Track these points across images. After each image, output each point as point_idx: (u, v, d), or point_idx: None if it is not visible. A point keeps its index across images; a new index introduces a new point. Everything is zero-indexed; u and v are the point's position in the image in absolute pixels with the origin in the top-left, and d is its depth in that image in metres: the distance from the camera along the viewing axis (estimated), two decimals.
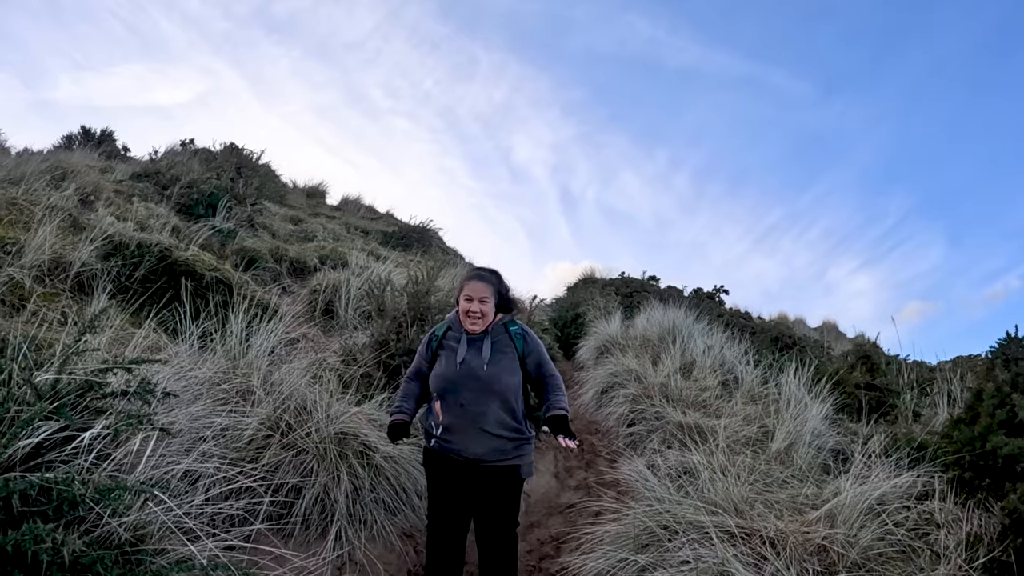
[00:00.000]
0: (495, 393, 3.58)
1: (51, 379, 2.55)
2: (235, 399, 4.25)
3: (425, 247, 13.22)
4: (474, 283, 3.72)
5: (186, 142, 13.42)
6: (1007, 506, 3.88)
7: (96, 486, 1.96)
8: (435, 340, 3.85)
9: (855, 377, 7.59)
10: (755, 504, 4.17)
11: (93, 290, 5.67)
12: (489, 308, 3.70)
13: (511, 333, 3.81)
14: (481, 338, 3.71)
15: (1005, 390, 4.90)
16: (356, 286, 7.99)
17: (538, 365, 3.82)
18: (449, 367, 3.65)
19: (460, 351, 3.67)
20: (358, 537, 4.07)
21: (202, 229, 8.32)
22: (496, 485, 3.62)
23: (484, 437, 3.56)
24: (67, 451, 2.46)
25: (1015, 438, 4.26)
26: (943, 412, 6.30)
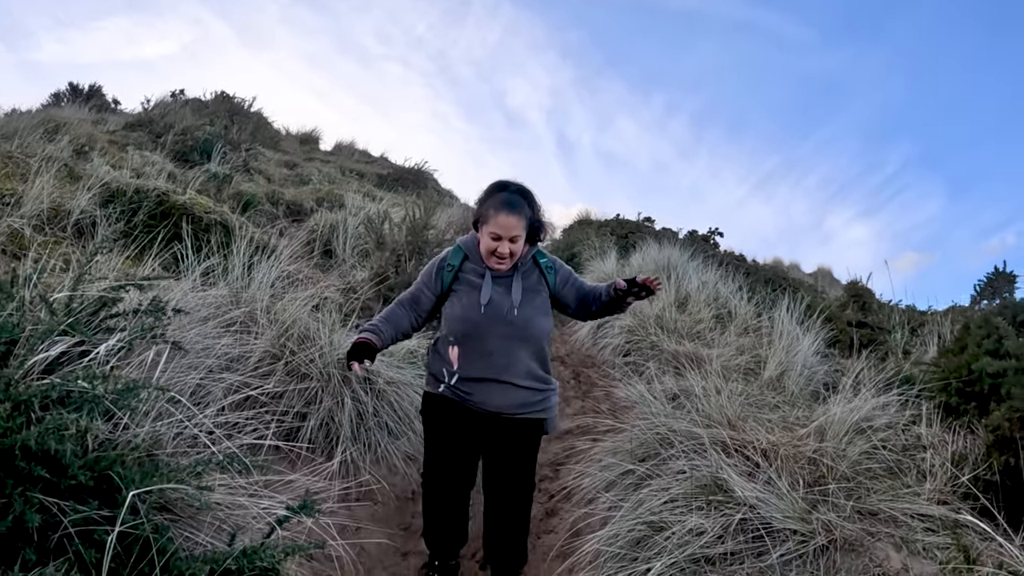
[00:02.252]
0: (528, 340, 3.12)
1: (65, 297, 2.64)
2: (239, 328, 4.35)
3: (420, 188, 13.25)
4: (505, 216, 3.03)
5: (176, 93, 13.33)
6: (990, 424, 4.02)
7: (116, 384, 2.06)
8: (449, 271, 3.23)
9: (847, 315, 7.70)
10: (748, 420, 4.31)
11: (93, 236, 5.71)
12: (520, 247, 3.12)
13: (542, 267, 3.28)
14: (509, 275, 3.18)
15: (993, 321, 5.03)
16: (353, 225, 8.03)
17: (577, 289, 3.34)
18: (471, 309, 3.09)
19: (485, 291, 3.12)
20: (363, 460, 4.20)
21: (198, 175, 8.34)
22: (517, 439, 3.23)
23: (510, 389, 3.10)
24: (83, 365, 2.56)
25: (999, 361, 4.39)
26: (932, 351, 6.43)
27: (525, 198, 3.15)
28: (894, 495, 3.70)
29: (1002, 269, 8.58)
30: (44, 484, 1.78)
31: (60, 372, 2.41)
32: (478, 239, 3.19)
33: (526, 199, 3.15)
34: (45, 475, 1.75)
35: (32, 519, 1.65)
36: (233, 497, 2.50)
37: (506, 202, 3.06)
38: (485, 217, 3.08)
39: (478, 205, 3.23)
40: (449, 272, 3.22)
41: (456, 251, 3.29)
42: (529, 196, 3.19)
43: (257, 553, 1.87)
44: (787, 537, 3.31)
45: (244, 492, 2.60)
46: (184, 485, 1.97)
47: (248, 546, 1.91)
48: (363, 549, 3.43)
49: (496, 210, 3.03)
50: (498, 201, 3.06)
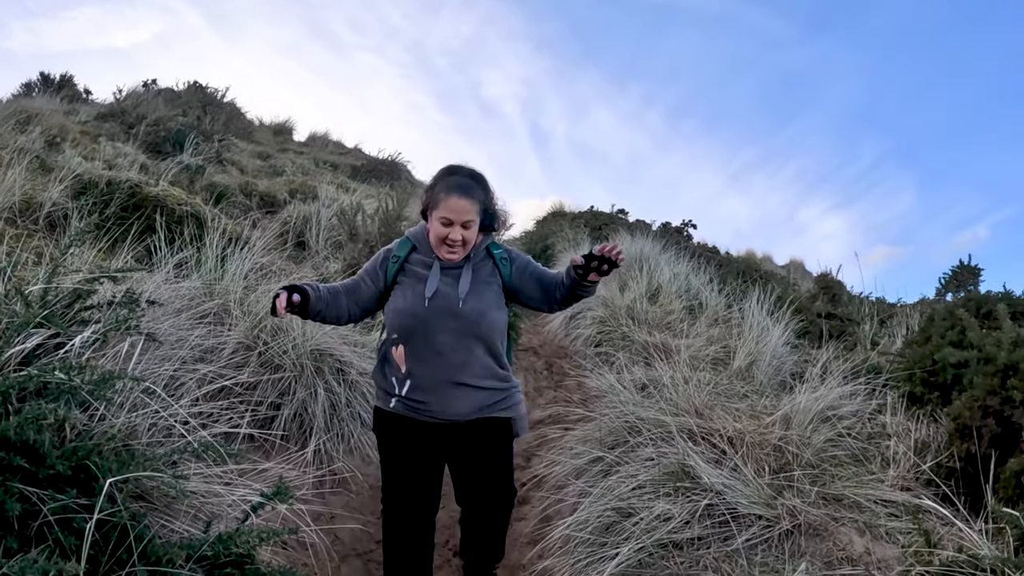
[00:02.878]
0: (479, 336, 2.83)
1: (40, 290, 2.66)
2: (212, 320, 4.37)
3: (394, 180, 13.25)
4: (457, 200, 2.77)
5: (148, 83, 13.19)
6: (952, 412, 4.16)
7: (93, 375, 2.09)
8: (394, 262, 2.95)
9: (817, 306, 7.88)
10: (715, 409, 4.40)
11: (66, 228, 5.69)
12: (473, 233, 2.83)
13: (496, 258, 2.99)
14: (459, 266, 2.89)
15: (957, 313, 5.18)
16: (326, 217, 8.04)
17: (537, 279, 3.03)
18: (415, 301, 2.81)
19: (431, 282, 2.84)
20: (336, 450, 4.24)
21: (170, 166, 8.31)
22: (485, 444, 2.92)
23: (466, 392, 2.81)
24: (58, 357, 2.58)
25: (962, 351, 4.54)
26: (900, 343, 6.58)
27: (478, 182, 2.90)
28: (858, 481, 3.81)
29: (967, 263, 8.79)
30: (23, 473, 1.81)
31: (36, 364, 2.44)
32: (427, 230, 2.92)
33: (479, 183, 2.90)
34: (24, 464, 1.78)
35: (12, 507, 1.68)
36: (208, 485, 2.55)
37: (457, 185, 2.81)
38: (435, 202, 2.81)
39: (426, 192, 2.98)
40: (394, 264, 2.94)
41: (403, 242, 3.01)
42: (482, 180, 2.94)
43: (232, 539, 1.92)
44: (752, 522, 3.41)
45: (219, 480, 2.65)
46: (160, 473, 2.00)
47: (224, 532, 1.95)
48: (337, 537, 3.48)
49: (447, 193, 2.77)
50: (448, 184, 2.82)
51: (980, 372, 4.13)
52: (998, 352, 4.07)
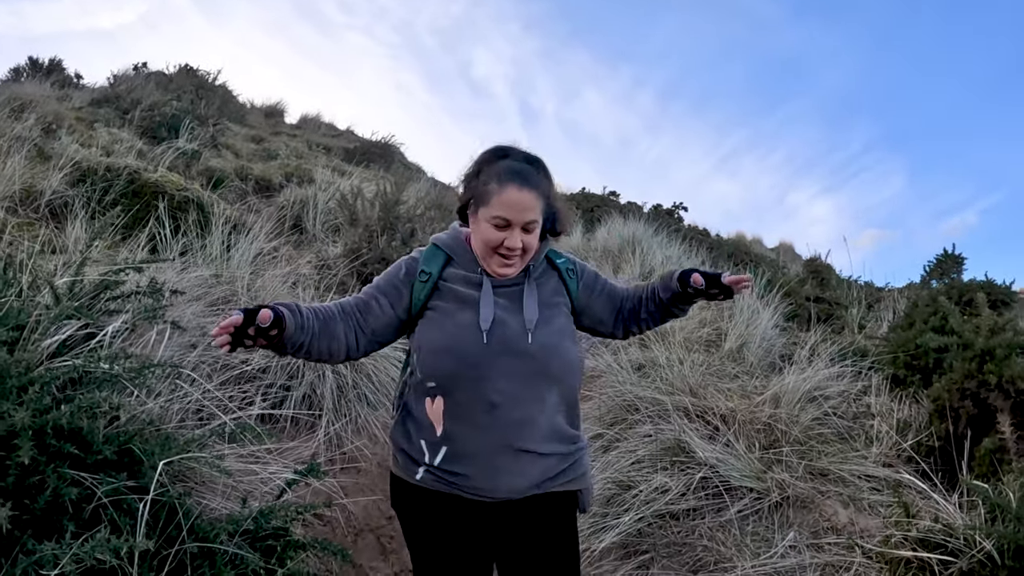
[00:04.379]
0: (554, 379, 2.05)
1: (68, 282, 2.79)
2: (221, 305, 4.50)
3: (387, 163, 13.31)
4: (517, 192, 2.02)
5: (139, 66, 13.15)
6: (932, 394, 4.37)
7: (133, 363, 2.23)
8: (424, 280, 2.14)
9: (805, 290, 8.04)
10: (708, 388, 4.59)
11: (66, 217, 5.76)
12: (536, 239, 2.11)
13: (560, 270, 2.26)
14: (518, 283, 2.15)
15: (939, 300, 5.39)
16: (323, 201, 8.12)
17: (608, 296, 2.35)
18: (464, 336, 2.02)
19: (485, 306, 2.07)
20: (345, 431, 4.39)
21: (167, 151, 8.35)
22: (545, 528, 2.12)
23: (525, 461, 2.01)
24: (89, 347, 2.72)
25: (942, 336, 4.75)
26: (886, 327, 6.77)
27: (539, 169, 2.13)
28: (843, 458, 4.02)
29: (951, 251, 9.03)
30: (72, 460, 1.95)
31: (71, 354, 2.57)
32: (466, 234, 2.22)
33: (540, 170, 2.14)
34: (75, 451, 1.92)
35: (69, 492, 1.82)
36: (240, 464, 2.70)
37: (515, 172, 2.05)
38: (483, 196, 2.06)
39: (466, 182, 2.19)
40: (424, 283, 2.13)
41: (433, 252, 2.21)
42: (543, 167, 2.16)
43: (273, 513, 2.08)
44: (744, 494, 3.62)
45: (248, 460, 2.80)
46: (203, 454, 2.16)
47: (264, 507, 2.11)
48: (351, 513, 3.63)
49: (501, 184, 2.03)
50: (502, 171, 2.06)
51: (959, 357, 4.33)
52: (976, 338, 4.29)
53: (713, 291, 2.18)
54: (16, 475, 1.81)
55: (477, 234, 2.12)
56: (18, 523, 1.72)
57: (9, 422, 1.81)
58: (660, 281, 2.32)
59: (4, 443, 1.84)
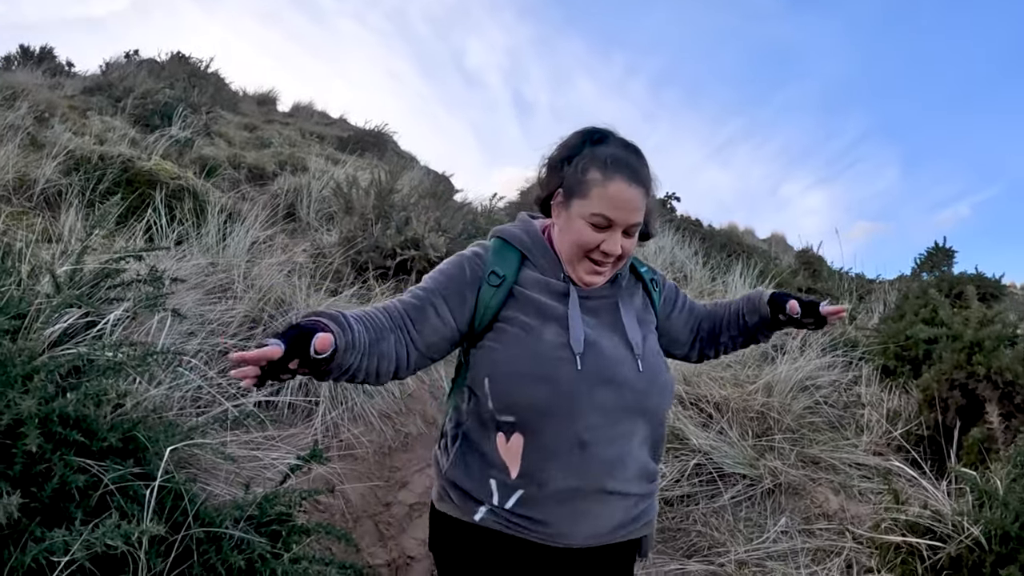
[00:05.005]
0: (649, 411, 1.77)
1: (69, 271, 2.81)
2: (218, 294, 4.52)
3: (381, 152, 13.28)
4: (627, 186, 1.70)
5: (130, 53, 13.06)
6: (921, 384, 4.45)
7: (136, 352, 2.26)
8: (499, 284, 1.77)
9: (797, 281, 8.14)
10: (702, 377, 4.64)
11: (60, 206, 5.77)
12: (634, 243, 1.79)
13: (645, 280, 1.96)
14: (607, 296, 1.83)
15: (929, 292, 5.48)
16: (317, 190, 8.11)
17: (689, 314, 2.09)
18: (556, 358, 1.67)
19: (574, 322, 1.72)
20: (341, 418, 4.42)
21: (160, 140, 8.35)
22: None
23: (613, 502, 1.72)
24: (91, 336, 2.75)
25: (932, 328, 4.83)
26: (876, 319, 6.86)
27: (644, 162, 1.79)
28: (834, 446, 4.09)
29: (942, 245, 9.12)
30: (77, 447, 1.98)
31: (72, 342, 2.60)
32: (546, 228, 1.89)
33: (644, 164, 1.79)
34: (80, 439, 1.95)
35: (75, 480, 1.85)
36: (242, 451, 2.73)
37: (625, 163, 1.72)
38: (579, 187, 1.71)
39: (553, 168, 1.83)
40: (497, 287, 1.75)
41: (502, 249, 1.83)
42: (646, 160, 1.81)
43: (277, 498, 2.11)
44: (737, 481, 3.69)
45: (249, 447, 2.83)
46: (207, 441, 2.19)
47: (268, 492, 2.15)
48: (349, 500, 3.67)
49: (607, 175, 1.69)
50: (610, 160, 1.71)
51: (949, 348, 4.41)
52: (965, 330, 4.37)
53: (808, 320, 1.98)
54: (23, 463, 1.83)
55: (566, 232, 1.76)
56: (26, 511, 1.75)
57: (15, 410, 1.84)
58: (746, 303, 2.09)
59: (10, 431, 1.86)
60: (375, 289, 5.73)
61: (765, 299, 2.02)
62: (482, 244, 1.87)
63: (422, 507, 4.01)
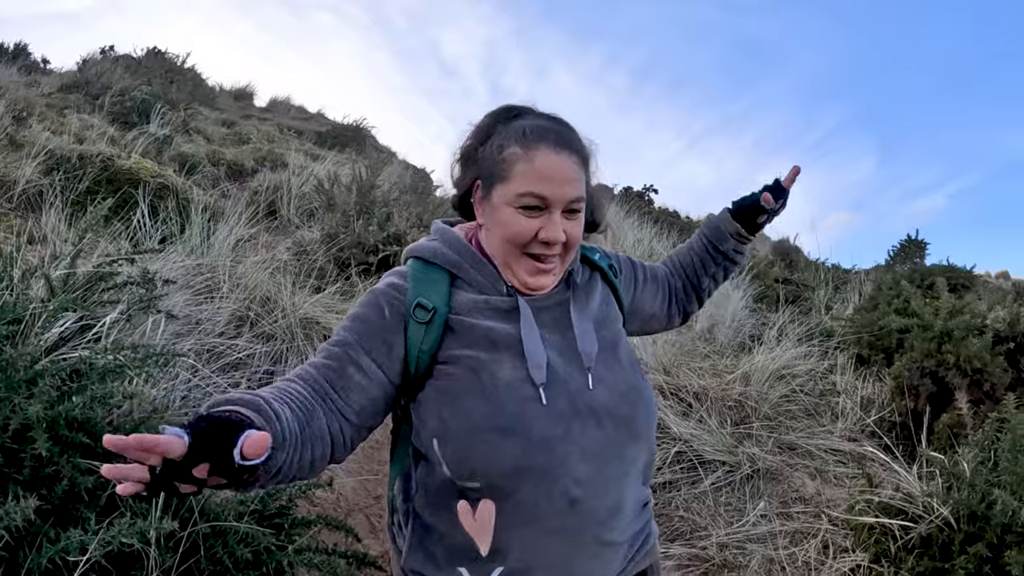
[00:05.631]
0: (640, 434, 1.44)
1: (63, 275, 2.86)
2: (206, 293, 4.56)
3: (359, 146, 13.27)
4: (554, 153, 1.37)
5: (106, 49, 12.91)
6: (894, 373, 4.60)
7: (136, 354, 2.32)
8: (427, 319, 1.38)
9: (774, 272, 8.29)
10: (681, 367, 4.76)
11: (41, 206, 5.73)
12: (580, 226, 1.43)
13: (603, 268, 1.62)
14: (561, 299, 1.49)
15: (902, 284, 5.64)
16: (297, 186, 8.11)
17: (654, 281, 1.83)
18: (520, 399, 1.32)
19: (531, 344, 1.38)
20: None
21: (139, 137, 8.32)
22: None
23: (610, 553, 1.41)
24: (87, 339, 2.80)
25: (904, 318, 4.98)
26: (852, 309, 7.02)
27: (571, 131, 1.46)
28: (810, 432, 4.23)
29: (915, 237, 9.35)
30: (83, 449, 2.05)
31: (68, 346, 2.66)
32: (470, 233, 1.55)
33: (574, 134, 1.46)
34: (86, 441, 2.02)
35: (84, 481, 1.91)
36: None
37: (546, 129, 1.40)
38: (499, 168, 1.39)
39: (466, 158, 1.52)
40: (427, 324, 1.38)
41: (424, 273, 1.46)
42: (577, 132, 1.47)
43: (279, 493, 2.19)
44: (717, 467, 3.82)
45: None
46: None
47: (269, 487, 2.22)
48: (341, 494, 3.74)
49: (527, 145, 1.36)
50: (527, 129, 1.39)
51: (919, 337, 4.57)
52: (935, 320, 4.52)
53: (780, 202, 1.79)
54: (32, 467, 1.90)
55: (494, 228, 1.42)
56: (38, 512, 1.81)
57: (23, 415, 1.90)
58: (711, 232, 1.86)
59: (17, 436, 1.92)
60: (358, 285, 5.79)
61: (727, 216, 1.84)
62: (398, 271, 1.50)
63: None
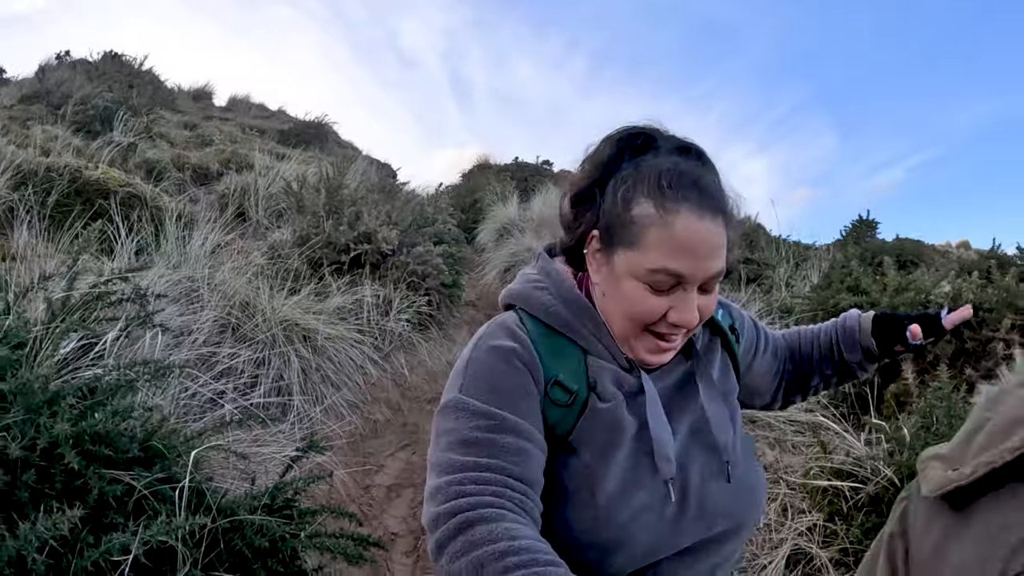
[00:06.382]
0: (744, 530, 1.27)
1: (62, 297, 3.02)
2: (188, 304, 4.72)
3: (322, 143, 13.37)
4: (697, 218, 1.10)
5: (62, 55, 12.83)
6: None
7: (149, 368, 2.51)
8: (570, 401, 1.16)
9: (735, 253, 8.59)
10: None
11: (12, 223, 5.75)
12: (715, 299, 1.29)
13: (724, 332, 1.42)
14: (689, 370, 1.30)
15: (852, 263, 5.98)
16: (264, 187, 8.22)
17: (773, 355, 1.57)
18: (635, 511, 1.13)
19: (660, 432, 1.16)
20: (314, 411, 4.69)
21: (103, 146, 8.35)
22: None
23: None
24: (91, 358, 2.98)
25: (855, 296, 5.30)
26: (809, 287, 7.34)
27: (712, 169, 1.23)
28: None
29: (866, 217, 9.80)
30: (105, 461, 2.24)
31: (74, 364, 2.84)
32: (582, 280, 1.30)
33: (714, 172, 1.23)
34: (108, 453, 2.20)
35: (113, 490, 2.10)
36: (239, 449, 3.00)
37: (688, 182, 1.13)
38: (627, 230, 1.14)
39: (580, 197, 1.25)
40: (568, 406, 1.17)
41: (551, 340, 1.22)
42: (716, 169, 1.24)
43: (286, 487, 2.40)
44: None
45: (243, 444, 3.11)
46: (219, 443, 2.47)
47: (277, 482, 2.43)
48: (332, 486, 3.95)
49: (664, 206, 1.11)
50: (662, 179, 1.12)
51: None
52: (882, 297, 4.84)
53: (927, 341, 1.50)
54: (63, 481, 2.09)
55: (614, 299, 1.19)
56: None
57: (49, 434, 2.09)
58: (842, 334, 1.57)
59: (45, 454, 2.11)
60: (332, 286, 5.96)
61: (867, 328, 1.52)
62: (508, 330, 1.22)
63: (399, 487, 4.32)
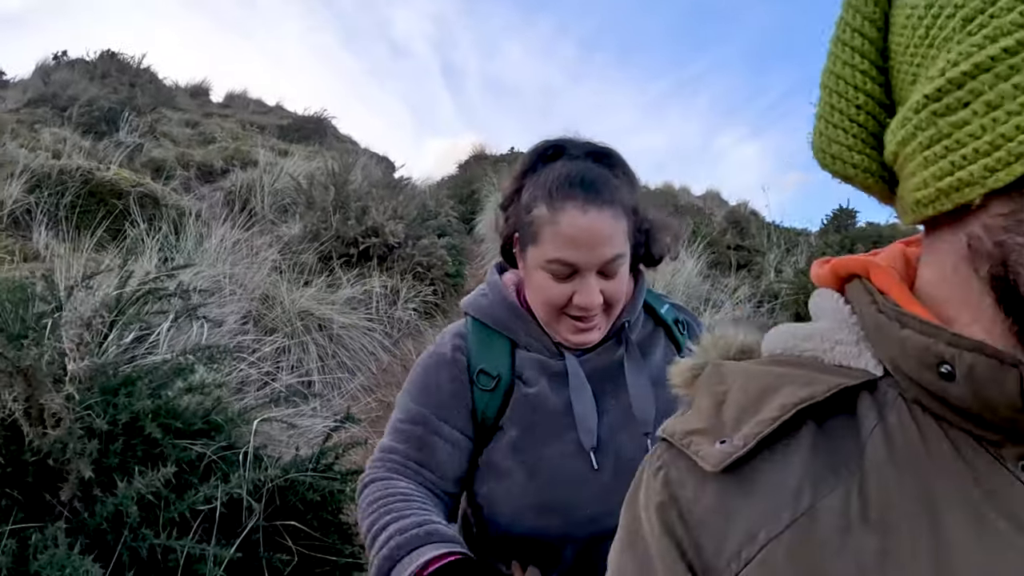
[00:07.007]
0: None
1: (115, 295, 3.40)
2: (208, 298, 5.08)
3: (321, 137, 13.65)
4: (581, 213, 1.22)
5: (58, 55, 13.06)
6: None
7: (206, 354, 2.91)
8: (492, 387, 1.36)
9: (726, 239, 9.00)
10: None
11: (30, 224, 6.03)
12: (622, 283, 1.31)
13: (667, 323, 1.48)
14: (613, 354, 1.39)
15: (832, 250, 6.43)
16: (269, 183, 8.53)
17: None
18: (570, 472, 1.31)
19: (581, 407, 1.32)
20: (332, 395, 5.08)
21: (110, 147, 8.61)
22: None
23: None
24: (145, 347, 3.38)
25: None
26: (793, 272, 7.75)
27: (614, 169, 1.33)
28: None
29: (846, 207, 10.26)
30: (176, 432, 2.63)
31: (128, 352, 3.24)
32: (516, 284, 1.48)
33: (617, 173, 1.33)
34: (179, 425, 2.61)
35: (188, 456, 2.51)
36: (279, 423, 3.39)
37: (576, 181, 1.26)
38: (529, 229, 1.30)
39: (506, 205, 1.43)
40: (491, 390, 1.36)
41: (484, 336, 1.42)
42: (620, 163, 1.36)
43: (329, 452, 2.81)
44: None
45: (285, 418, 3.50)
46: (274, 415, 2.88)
47: (322, 447, 2.85)
48: (353, 460, 4.33)
49: (552, 206, 1.26)
50: (555, 182, 1.27)
51: None
52: None
53: None
54: (143, 449, 2.49)
55: (532, 290, 1.36)
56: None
57: (131, 409, 2.48)
58: None
59: (127, 428, 2.50)
60: (342, 278, 6.32)
61: None
62: (458, 332, 1.45)
63: None
